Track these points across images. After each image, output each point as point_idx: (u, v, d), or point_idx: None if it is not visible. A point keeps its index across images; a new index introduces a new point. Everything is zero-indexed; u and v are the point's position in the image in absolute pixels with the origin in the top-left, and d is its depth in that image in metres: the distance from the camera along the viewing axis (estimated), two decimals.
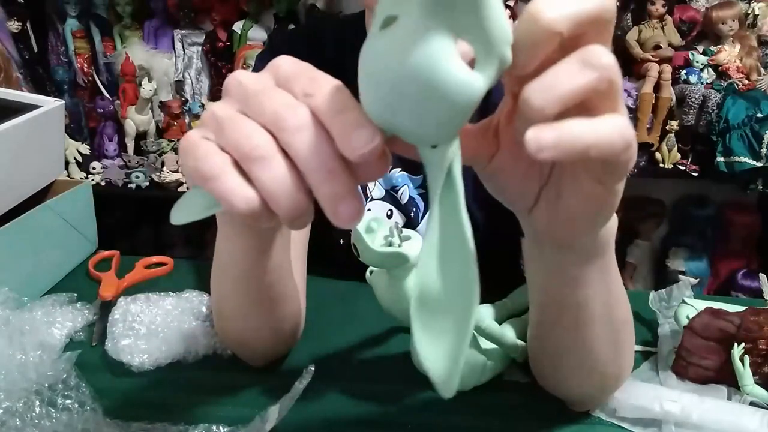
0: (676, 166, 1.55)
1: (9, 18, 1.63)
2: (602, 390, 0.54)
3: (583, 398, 0.55)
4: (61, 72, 1.69)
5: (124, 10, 1.65)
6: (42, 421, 0.52)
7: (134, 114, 1.64)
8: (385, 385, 0.59)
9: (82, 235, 0.84)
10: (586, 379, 0.52)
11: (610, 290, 0.44)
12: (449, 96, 0.23)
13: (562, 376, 0.54)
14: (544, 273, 0.43)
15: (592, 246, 0.39)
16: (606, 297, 0.44)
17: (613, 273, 0.44)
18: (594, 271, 0.41)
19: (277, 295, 0.53)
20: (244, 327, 0.56)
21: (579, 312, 0.44)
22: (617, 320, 0.48)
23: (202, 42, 1.66)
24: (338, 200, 0.26)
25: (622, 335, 0.50)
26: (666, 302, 0.70)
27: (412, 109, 0.24)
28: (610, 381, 0.53)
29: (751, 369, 0.57)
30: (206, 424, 0.52)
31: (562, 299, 0.44)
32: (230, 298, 0.53)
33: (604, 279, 0.43)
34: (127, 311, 0.66)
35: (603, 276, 0.43)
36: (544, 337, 0.51)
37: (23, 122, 0.73)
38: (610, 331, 0.47)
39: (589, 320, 0.45)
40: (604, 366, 0.50)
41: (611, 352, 0.49)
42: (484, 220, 0.71)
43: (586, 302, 0.43)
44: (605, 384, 0.54)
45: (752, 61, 1.49)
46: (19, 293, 0.67)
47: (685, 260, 1.66)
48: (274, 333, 0.58)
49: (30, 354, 0.59)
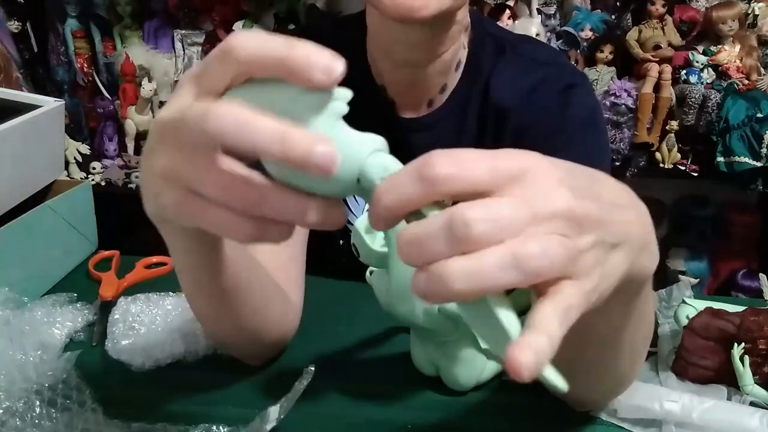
0: (676, 166, 1.55)
1: (9, 18, 1.63)
2: (609, 397, 0.54)
3: (588, 402, 0.55)
4: (61, 72, 1.68)
5: (124, 10, 1.65)
6: (42, 421, 0.52)
7: (134, 114, 1.64)
8: (385, 385, 0.59)
9: (82, 235, 0.84)
10: (595, 388, 0.52)
11: (642, 320, 0.43)
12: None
13: (571, 385, 0.53)
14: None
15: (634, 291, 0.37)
16: (638, 327, 0.43)
17: (649, 303, 0.43)
18: (633, 309, 0.40)
19: (245, 292, 0.52)
20: (219, 328, 0.55)
21: (611, 343, 0.43)
22: (642, 339, 0.47)
23: (202, 42, 1.66)
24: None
25: (643, 349, 0.50)
26: (666, 302, 0.70)
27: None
28: (618, 389, 0.53)
29: (751, 369, 0.57)
30: (206, 424, 0.52)
31: (597, 333, 0.41)
32: (196, 297, 0.51)
33: (641, 311, 0.42)
34: (127, 311, 0.66)
35: (641, 309, 0.41)
36: (563, 358, 0.49)
37: (23, 122, 0.73)
38: (632, 351, 0.47)
39: (617, 347, 0.44)
40: (621, 377, 0.50)
41: (628, 367, 0.49)
42: None
43: (619, 335, 0.42)
44: (613, 392, 0.53)
45: (752, 61, 1.49)
46: (19, 293, 0.67)
47: (685, 260, 1.66)
48: (255, 334, 0.57)
49: (30, 354, 0.59)
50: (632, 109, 1.49)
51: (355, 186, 0.30)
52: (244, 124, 0.28)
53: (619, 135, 1.50)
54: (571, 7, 1.58)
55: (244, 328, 0.55)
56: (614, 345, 0.44)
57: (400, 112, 0.69)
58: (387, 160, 0.30)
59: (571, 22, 1.55)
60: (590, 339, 0.41)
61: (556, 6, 1.59)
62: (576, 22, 1.54)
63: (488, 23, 0.73)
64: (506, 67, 0.67)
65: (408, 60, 0.64)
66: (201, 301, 0.52)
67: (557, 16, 1.60)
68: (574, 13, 1.55)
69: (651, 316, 0.47)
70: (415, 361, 0.60)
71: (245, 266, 0.52)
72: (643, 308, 0.42)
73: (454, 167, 0.26)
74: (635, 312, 0.41)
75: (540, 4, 1.58)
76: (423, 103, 0.69)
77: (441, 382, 0.58)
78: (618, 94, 1.47)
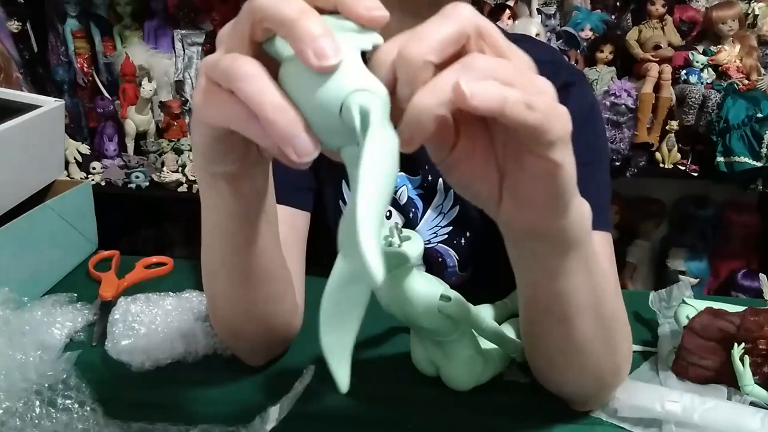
0: (676, 166, 1.55)
1: (9, 18, 1.63)
2: (600, 387, 0.54)
3: (582, 396, 0.55)
4: (61, 72, 1.68)
5: (124, 10, 1.65)
6: (42, 421, 0.52)
7: (134, 114, 1.64)
8: (385, 385, 0.59)
9: (82, 235, 0.84)
10: (581, 376, 0.52)
11: (594, 282, 0.45)
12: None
13: (557, 374, 0.54)
14: (526, 268, 0.44)
15: (566, 234, 0.40)
16: (590, 288, 0.45)
17: (596, 265, 0.45)
18: (573, 261, 0.42)
19: (266, 275, 0.52)
20: (232, 312, 0.55)
21: (564, 305, 0.45)
22: (606, 314, 0.48)
23: (202, 42, 1.66)
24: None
25: (614, 330, 0.50)
26: (666, 302, 0.70)
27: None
28: (606, 377, 0.53)
29: (751, 369, 0.57)
30: (206, 425, 0.52)
31: (546, 293, 0.44)
32: (219, 274, 0.52)
33: (586, 269, 0.43)
34: (127, 311, 0.66)
35: (584, 266, 0.43)
36: (535, 334, 0.51)
37: (23, 122, 0.73)
38: (600, 326, 0.48)
39: (575, 313, 0.45)
40: (598, 361, 0.50)
41: (603, 347, 0.50)
42: (483, 220, 0.71)
43: (570, 294, 0.44)
44: (602, 381, 0.53)
45: (752, 61, 1.49)
46: (19, 293, 0.67)
47: (685, 260, 1.66)
48: (265, 324, 0.57)
49: (30, 354, 0.59)
50: (632, 109, 1.49)
51: (338, 118, 0.30)
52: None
53: (619, 135, 1.50)
54: (571, 7, 1.58)
55: (257, 315, 0.55)
56: (572, 314, 0.45)
57: None
58: (369, 102, 0.29)
59: (571, 22, 1.55)
60: (542, 295, 0.45)
61: (556, 6, 1.59)
62: (576, 22, 1.54)
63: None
64: None
65: None
66: (223, 279, 0.52)
67: (557, 16, 1.60)
68: (574, 13, 1.55)
69: (609, 290, 0.48)
70: (415, 361, 0.60)
71: (275, 250, 0.53)
72: (588, 268, 0.44)
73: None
74: (576, 265, 0.42)
75: (540, 4, 1.58)
76: None
77: (441, 382, 0.58)
78: (618, 94, 1.47)
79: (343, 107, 0.29)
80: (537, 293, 0.46)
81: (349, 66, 0.30)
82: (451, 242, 0.74)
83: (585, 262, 0.43)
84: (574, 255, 0.42)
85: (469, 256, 0.76)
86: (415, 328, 0.57)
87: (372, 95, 0.29)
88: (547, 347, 0.51)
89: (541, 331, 0.49)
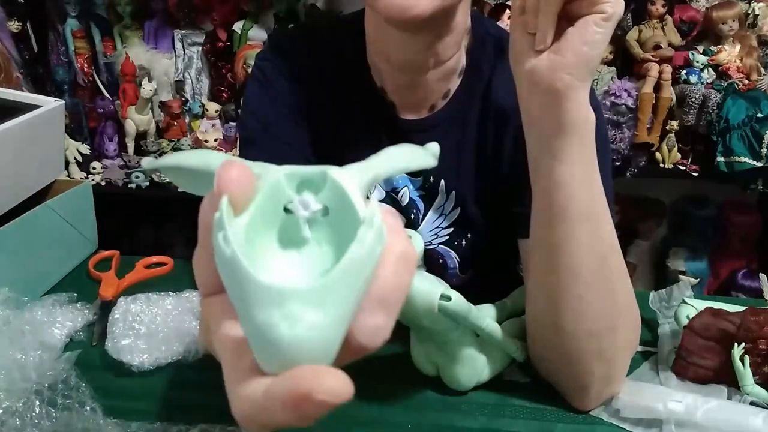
0: (676, 166, 1.55)
1: (9, 18, 1.63)
2: (600, 358, 0.55)
3: (582, 375, 0.55)
4: (61, 72, 1.68)
5: (124, 10, 1.65)
6: (42, 421, 0.52)
7: (134, 114, 1.64)
8: (385, 385, 0.59)
9: (82, 235, 0.84)
10: (585, 344, 0.54)
11: (594, 193, 0.51)
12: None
13: (560, 343, 0.55)
14: (534, 157, 0.52)
15: (570, 114, 0.48)
16: (590, 198, 0.51)
17: (597, 182, 0.51)
18: (575, 147, 0.49)
19: None
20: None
21: (564, 209, 0.51)
22: (605, 238, 0.53)
23: (202, 42, 1.66)
24: None
25: (612, 268, 0.53)
26: (666, 302, 0.70)
27: None
28: (606, 349, 0.54)
29: (751, 369, 0.57)
30: (206, 424, 0.52)
31: (550, 191, 0.51)
32: None
33: (585, 170, 0.50)
34: (127, 311, 0.66)
35: (583, 161, 0.50)
36: (539, 284, 0.54)
37: (23, 122, 0.73)
38: (603, 278, 0.52)
39: (575, 220, 0.51)
40: (594, 299, 0.53)
41: (605, 302, 0.53)
42: (484, 221, 0.71)
43: (568, 203, 0.50)
44: (602, 353, 0.54)
45: (752, 61, 1.49)
46: (19, 293, 0.67)
47: (685, 260, 1.66)
48: None
49: (30, 354, 0.59)
50: (632, 109, 1.49)
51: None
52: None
53: (619, 135, 1.50)
54: None
55: None
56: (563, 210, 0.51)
57: (401, 113, 0.69)
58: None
59: None
60: (550, 206, 0.51)
61: None
62: None
63: (488, 23, 0.73)
64: (506, 67, 0.67)
65: (406, 64, 0.64)
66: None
67: None
68: None
69: (606, 223, 0.53)
70: (415, 361, 0.60)
71: None
72: (588, 172, 0.51)
73: None
74: (575, 157, 0.50)
75: None
76: (424, 107, 0.69)
77: (441, 382, 0.58)
78: (618, 94, 1.47)
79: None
80: (548, 199, 0.51)
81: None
82: (452, 243, 0.74)
83: (584, 160, 0.50)
84: (576, 141, 0.49)
85: (470, 258, 0.75)
86: (416, 327, 0.57)
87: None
88: (549, 300, 0.54)
89: (545, 281, 0.53)
